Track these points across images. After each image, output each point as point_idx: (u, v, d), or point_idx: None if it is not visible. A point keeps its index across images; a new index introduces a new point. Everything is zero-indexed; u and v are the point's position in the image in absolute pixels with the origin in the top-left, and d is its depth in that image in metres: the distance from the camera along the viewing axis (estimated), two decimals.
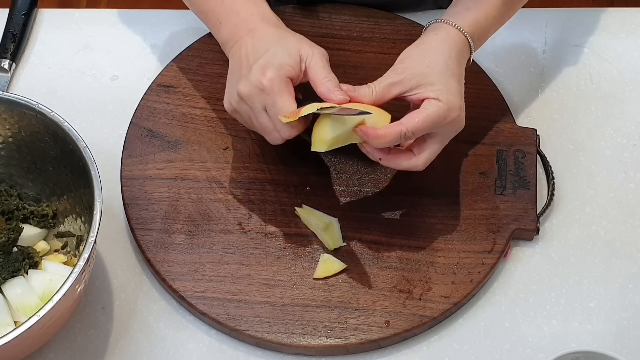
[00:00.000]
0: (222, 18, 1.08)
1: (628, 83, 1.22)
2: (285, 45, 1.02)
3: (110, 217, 1.10)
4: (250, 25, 1.05)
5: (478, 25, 1.05)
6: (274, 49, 1.01)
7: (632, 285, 1.06)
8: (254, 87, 1.00)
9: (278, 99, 0.99)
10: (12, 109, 1.05)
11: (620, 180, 1.14)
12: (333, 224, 1.07)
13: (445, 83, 1.00)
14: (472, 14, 1.05)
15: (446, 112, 0.99)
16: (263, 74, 0.99)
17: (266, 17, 1.07)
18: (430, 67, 1.00)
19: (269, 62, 1.00)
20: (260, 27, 1.05)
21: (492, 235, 1.06)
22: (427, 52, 1.02)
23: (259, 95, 1.00)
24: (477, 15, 1.05)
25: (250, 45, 1.03)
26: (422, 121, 0.98)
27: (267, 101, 1.00)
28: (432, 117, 0.98)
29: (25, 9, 1.26)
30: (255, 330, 1.01)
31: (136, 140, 1.14)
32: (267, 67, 1.00)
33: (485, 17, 1.06)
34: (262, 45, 1.03)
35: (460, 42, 1.04)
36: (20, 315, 0.99)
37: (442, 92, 0.99)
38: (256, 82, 1.00)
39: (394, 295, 1.03)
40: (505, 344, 1.02)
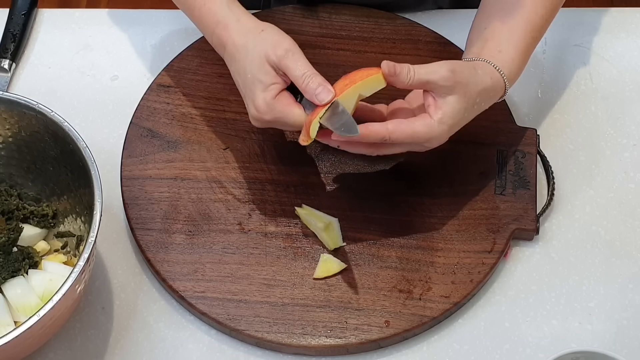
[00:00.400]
0: (200, 27, 1.11)
1: (628, 83, 1.22)
2: (254, 63, 1.02)
3: (110, 217, 1.10)
4: (221, 40, 1.07)
5: (517, 73, 1.06)
6: (250, 74, 1.02)
7: (632, 285, 1.06)
8: (262, 123, 1.03)
9: (285, 120, 1.01)
10: (12, 109, 1.05)
11: (620, 180, 1.14)
12: (333, 224, 1.07)
13: (456, 117, 1.00)
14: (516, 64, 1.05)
15: (430, 139, 0.99)
16: (257, 109, 1.01)
17: (227, 23, 1.07)
18: (465, 96, 1.00)
19: (254, 94, 1.01)
20: (228, 43, 1.06)
21: (492, 235, 1.06)
22: (475, 83, 1.00)
23: (271, 125, 1.02)
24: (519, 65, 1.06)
25: (234, 70, 1.06)
26: (407, 137, 0.98)
27: (280, 125, 1.02)
28: (418, 136, 0.98)
29: (25, 9, 1.26)
30: (255, 330, 1.01)
31: (136, 140, 1.14)
32: (255, 99, 1.01)
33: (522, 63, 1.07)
34: (239, 69, 1.04)
35: (499, 89, 1.04)
36: (20, 315, 0.99)
37: (444, 122, 0.99)
38: (259, 119, 1.02)
39: (394, 295, 1.03)
40: (505, 344, 1.02)
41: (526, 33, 1.06)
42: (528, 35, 1.06)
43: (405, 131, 0.98)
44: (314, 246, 1.06)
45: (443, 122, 0.99)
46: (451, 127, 1.00)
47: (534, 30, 1.07)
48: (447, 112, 0.99)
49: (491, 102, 1.05)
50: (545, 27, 1.09)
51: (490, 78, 1.02)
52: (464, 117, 1.01)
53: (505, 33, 1.06)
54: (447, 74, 0.98)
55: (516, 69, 1.06)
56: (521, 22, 1.06)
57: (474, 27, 1.10)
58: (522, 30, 1.06)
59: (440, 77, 0.98)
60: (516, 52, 1.05)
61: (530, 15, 1.07)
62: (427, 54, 1.21)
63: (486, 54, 1.05)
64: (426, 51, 1.21)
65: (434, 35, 1.23)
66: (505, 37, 1.06)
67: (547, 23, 1.09)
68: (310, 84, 0.99)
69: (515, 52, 1.05)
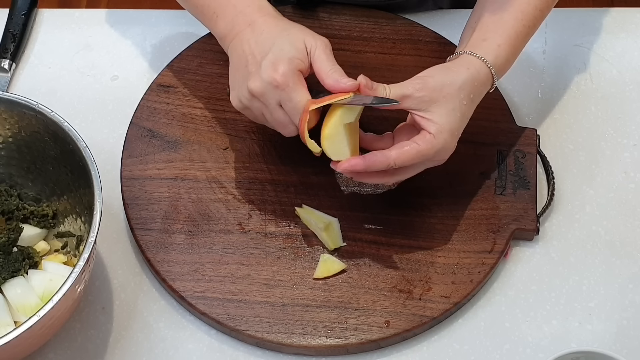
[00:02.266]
0: (219, 11, 1.07)
1: (628, 83, 1.22)
2: (289, 37, 1.01)
3: (110, 217, 1.10)
4: (249, 17, 1.04)
5: (506, 59, 1.05)
6: (280, 43, 1.00)
7: (632, 285, 1.06)
8: (267, 84, 0.99)
9: (294, 94, 0.99)
10: (12, 109, 1.05)
11: (620, 180, 1.14)
12: (333, 224, 1.07)
13: (450, 121, 0.99)
14: (503, 49, 1.04)
15: (437, 152, 0.99)
16: (275, 70, 0.99)
17: (264, 8, 1.06)
18: (446, 98, 0.99)
19: (279, 57, 0.99)
20: (259, 20, 1.04)
21: (492, 235, 1.06)
22: (450, 83, 1.00)
23: (273, 92, 1.00)
24: (506, 50, 1.04)
25: (252, 40, 1.02)
26: (412, 158, 0.98)
27: (283, 96, 0.99)
28: (423, 154, 0.99)
29: (25, 9, 1.26)
30: (255, 330, 1.01)
31: (136, 140, 1.14)
32: (278, 62, 0.99)
33: (513, 50, 1.05)
34: (265, 39, 1.01)
35: (484, 78, 1.03)
36: (20, 315, 0.99)
37: (442, 131, 0.99)
38: (269, 78, 0.99)
39: (394, 295, 1.03)
40: (505, 344, 1.02)
41: (517, 21, 1.05)
42: (519, 23, 1.05)
43: (410, 153, 0.98)
44: (314, 246, 1.06)
45: (441, 131, 0.99)
46: (452, 132, 1.00)
47: (525, 19, 1.05)
48: (439, 121, 0.99)
49: (481, 92, 1.03)
50: (540, 19, 1.08)
51: (466, 69, 1.01)
52: (459, 117, 1.00)
53: (492, 22, 1.05)
54: (417, 84, 0.99)
55: (504, 55, 1.04)
56: (512, 11, 1.05)
57: (467, 23, 1.10)
58: (513, 19, 1.05)
59: (412, 89, 0.98)
60: (503, 38, 1.04)
61: (523, 5, 1.06)
62: (427, 54, 1.21)
63: (470, 46, 1.04)
64: (426, 51, 1.21)
65: (434, 35, 1.23)
66: (492, 26, 1.05)
67: (541, 14, 1.07)
68: (335, 74, 0.99)
69: (502, 38, 1.04)
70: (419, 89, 0.98)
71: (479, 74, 1.02)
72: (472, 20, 1.09)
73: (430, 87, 0.99)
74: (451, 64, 1.03)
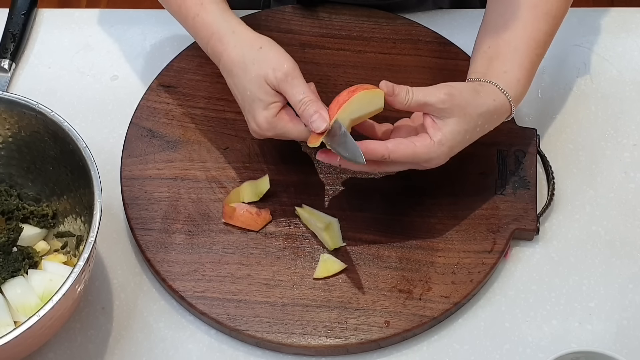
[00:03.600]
0: (195, 37, 1.10)
1: (628, 83, 1.22)
2: (252, 82, 1.02)
3: (110, 217, 1.10)
4: (216, 51, 1.06)
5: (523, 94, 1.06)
6: (250, 92, 1.02)
7: (632, 285, 1.06)
8: (262, 134, 1.03)
9: (288, 134, 1.02)
10: (12, 109, 1.05)
11: (620, 180, 1.13)
12: (333, 224, 1.07)
13: (456, 139, 1.00)
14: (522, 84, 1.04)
15: (429, 159, 1.00)
16: (258, 125, 1.02)
17: (222, 35, 1.05)
18: (465, 118, 0.99)
19: (255, 112, 1.02)
20: (224, 56, 1.05)
21: (492, 235, 1.06)
22: (475, 106, 1.00)
23: (271, 134, 1.03)
24: (525, 85, 1.05)
25: (231, 83, 1.05)
26: (406, 156, 0.99)
27: (280, 135, 1.02)
28: (417, 155, 0.99)
29: (25, 9, 1.26)
30: (255, 330, 1.01)
31: (136, 140, 1.14)
32: (257, 118, 1.02)
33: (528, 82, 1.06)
34: (237, 84, 1.04)
35: (503, 111, 1.04)
36: (20, 315, 0.98)
37: (444, 143, 0.99)
38: (259, 131, 1.03)
39: (394, 295, 1.03)
40: (505, 344, 1.02)
41: (530, 50, 1.05)
42: (532, 53, 1.06)
43: (405, 151, 0.98)
44: (314, 246, 1.06)
45: (442, 144, 0.99)
46: (451, 148, 1.00)
47: (538, 47, 1.06)
48: (447, 134, 0.99)
49: (495, 124, 1.04)
50: (548, 42, 1.09)
51: (493, 100, 1.02)
52: (465, 139, 1.01)
53: (509, 52, 1.05)
54: (444, 97, 0.98)
55: (522, 89, 1.05)
56: (525, 39, 1.06)
57: (477, 45, 1.09)
58: (527, 48, 1.05)
59: (437, 99, 0.98)
60: (521, 71, 1.05)
61: (534, 32, 1.06)
62: (427, 54, 1.20)
63: (492, 75, 1.04)
64: (426, 51, 1.21)
65: (434, 35, 1.23)
66: (509, 57, 1.05)
67: (550, 37, 1.08)
68: (307, 109, 0.99)
69: (520, 72, 1.05)
70: (444, 100, 0.98)
71: (501, 107, 1.03)
72: (483, 42, 1.08)
73: (456, 103, 0.99)
74: (481, 88, 1.02)
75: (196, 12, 1.08)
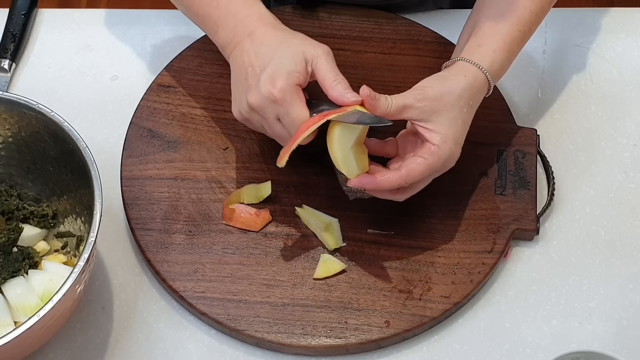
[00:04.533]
0: (219, 21, 1.07)
1: (628, 83, 1.22)
2: (289, 50, 1.01)
3: (110, 217, 1.10)
4: (249, 28, 1.05)
5: (501, 66, 1.06)
6: (279, 56, 1.01)
7: (632, 285, 1.06)
8: (265, 99, 1.00)
9: (291, 109, 0.99)
10: (12, 109, 1.05)
11: (620, 180, 1.14)
12: (333, 224, 1.07)
13: (453, 130, 1.00)
14: (498, 55, 1.04)
15: (445, 162, 1.00)
16: (273, 85, 0.99)
17: (263, 17, 1.06)
18: (446, 108, 1.00)
19: (277, 72, 0.99)
20: (259, 30, 1.04)
21: (492, 235, 1.06)
22: (449, 91, 1.00)
23: (270, 106, 1.00)
24: (502, 55, 1.05)
25: (252, 52, 1.03)
26: (422, 173, 0.99)
27: (280, 111, 1.00)
28: (431, 167, 0.99)
29: (25, 9, 1.26)
30: (255, 331, 1.01)
31: (136, 140, 1.14)
32: (276, 77, 0.99)
33: (508, 55, 1.06)
34: (265, 52, 1.02)
35: (481, 84, 1.03)
36: (20, 315, 0.99)
37: (446, 140, 0.99)
38: (267, 93, 0.99)
39: (394, 295, 1.03)
40: (505, 344, 1.02)
41: (512, 26, 1.05)
42: (514, 29, 1.06)
43: (419, 170, 0.99)
44: (314, 246, 1.06)
45: (445, 141, 0.99)
46: (456, 140, 1.00)
47: (521, 24, 1.06)
48: (442, 130, 0.99)
49: (479, 98, 1.04)
50: (535, 23, 1.08)
51: (464, 77, 1.02)
52: (460, 125, 1.01)
53: (488, 28, 1.06)
54: (417, 95, 0.99)
55: (499, 60, 1.05)
56: (508, 17, 1.06)
57: (463, 29, 1.10)
58: (509, 24, 1.05)
59: (413, 99, 0.99)
60: (499, 44, 1.05)
61: (519, 10, 1.06)
62: (427, 54, 1.21)
63: (465, 52, 1.05)
64: (426, 51, 1.21)
65: (434, 35, 1.23)
66: (488, 32, 1.05)
67: (537, 19, 1.08)
68: (339, 86, 0.99)
69: (497, 44, 1.05)
70: (419, 99, 0.99)
71: (475, 81, 1.03)
72: (468, 25, 1.09)
73: (430, 97, 0.99)
74: (448, 73, 1.03)
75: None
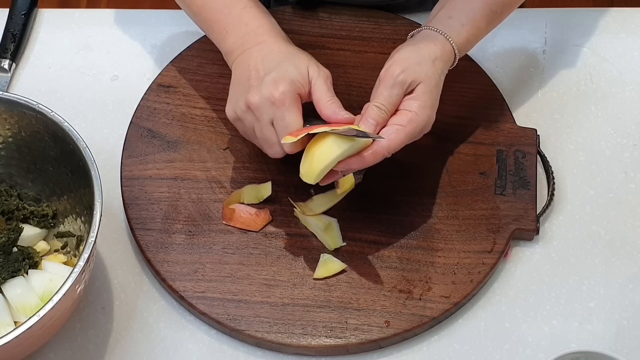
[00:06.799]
0: (230, 28, 1.09)
1: (628, 83, 1.22)
2: (295, 61, 1.03)
3: (110, 217, 1.10)
4: (259, 37, 1.06)
5: (468, 40, 1.07)
6: (285, 64, 1.02)
7: (632, 285, 1.06)
8: (265, 99, 1.00)
9: (288, 114, 1.00)
10: (12, 109, 1.05)
11: (620, 180, 1.14)
12: (333, 224, 1.07)
13: (432, 97, 1.01)
14: (465, 29, 1.06)
15: (423, 128, 1.01)
16: (275, 87, 1.00)
17: (275, 31, 1.08)
18: (427, 75, 1.01)
19: (282, 76, 1.01)
20: (269, 40, 1.06)
21: (492, 235, 1.06)
22: (425, 60, 1.02)
23: (269, 108, 1.00)
24: (469, 31, 1.06)
25: (259, 57, 1.04)
26: (402, 141, 0.99)
27: (277, 114, 1.00)
28: (410, 134, 1.00)
29: (25, 9, 1.26)
30: (255, 330, 1.01)
31: (136, 140, 1.14)
32: (280, 80, 1.00)
33: (476, 32, 1.07)
34: (272, 59, 1.03)
35: (448, 54, 1.05)
36: (20, 315, 0.99)
37: (424, 107, 1.00)
38: (268, 94, 1.00)
39: (394, 295, 1.03)
40: (505, 344, 1.02)
41: (485, 4, 1.07)
42: (486, 7, 1.07)
43: (399, 138, 0.99)
44: (314, 246, 1.06)
45: (423, 107, 1.00)
46: (432, 107, 1.02)
47: (494, 4, 1.07)
48: (421, 97, 1.00)
49: (447, 66, 1.05)
50: (508, 6, 1.09)
51: (434, 44, 1.04)
52: (437, 91, 1.02)
53: (461, 2, 1.07)
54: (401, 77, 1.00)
55: (466, 35, 1.06)
56: None
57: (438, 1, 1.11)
58: (482, 2, 1.07)
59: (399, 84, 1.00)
60: (468, 19, 1.06)
61: None
62: None
63: (435, 21, 1.06)
64: None
65: None
66: (459, 6, 1.07)
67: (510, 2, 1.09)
68: (333, 105, 1.01)
69: (466, 19, 1.06)
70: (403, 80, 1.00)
71: (443, 48, 1.04)
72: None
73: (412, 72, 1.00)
74: (417, 42, 1.04)
75: (248, 4, 1.09)
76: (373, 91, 1.02)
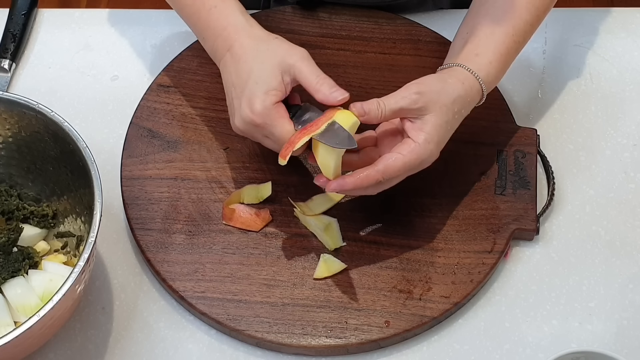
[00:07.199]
0: (203, 34, 1.10)
1: (628, 83, 1.22)
2: (262, 66, 1.02)
3: (110, 217, 1.10)
4: (228, 42, 1.06)
5: (496, 77, 1.06)
6: (255, 75, 1.02)
7: (632, 285, 1.06)
8: (247, 124, 1.02)
9: (273, 130, 1.01)
10: (12, 109, 1.05)
11: (620, 180, 1.14)
12: (333, 224, 1.07)
13: (440, 133, 1.00)
14: (494, 67, 1.05)
15: (422, 161, 1.00)
16: (251, 110, 1.01)
17: (240, 28, 1.07)
18: (441, 110, 0.99)
19: (253, 94, 1.01)
20: (236, 44, 1.05)
21: (492, 235, 1.06)
22: (446, 95, 1.00)
23: (254, 129, 1.02)
24: (497, 67, 1.05)
25: (232, 70, 1.04)
26: (399, 170, 0.98)
27: (264, 133, 1.02)
28: (408, 165, 0.99)
29: (25, 9, 1.26)
30: (255, 331, 1.01)
31: (136, 140, 1.14)
32: (253, 100, 1.01)
33: (503, 66, 1.06)
34: (242, 69, 1.03)
35: (475, 93, 1.03)
36: (20, 315, 0.99)
37: (430, 141, 0.99)
38: (247, 119, 1.01)
39: (394, 295, 1.03)
40: (505, 344, 1.02)
41: (508, 37, 1.06)
42: (510, 39, 1.06)
43: (396, 166, 0.98)
44: (314, 246, 1.06)
45: (428, 142, 0.99)
46: (438, 143, 1.00)
47: (517, 35, 1.06)
48: (429, 132, 0.99)
49: (470, 107, 1.04)
50: (530, 32, 1.09)
51: (462, 84, 1.02)
52: (447, 129, 1.01)
53: (485, 36, 1.06)
54: (415, 96, 0.98)
55: (494, 72, 1.05)
56: (504, 26, 1.06)
57: (458, 32, 1.10)
58: (504, 34, 1.05)
59: (410, 101, 0.98)
60: (495, 55, 1.05)
61: (514, 20, 1.06)
62: (427, 54, 1.21)
63: (462, 58, 1.04)
64: (426, 51, 1.21)
65: (434, 35, 1.23)
66: (484, 41, 1.05)
67: (532, 28, 1.08)
68: (324, 84, 1.00)
69: (494, 55, 1.05)
70: (416, 100, 0.98)
71: (471, 90, 1.03)
72: (463, 30, 1.09)
73: (428, 99, 0.99)
74: (447, 76, 1.03)
75: (214, 4, 1.08)
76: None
